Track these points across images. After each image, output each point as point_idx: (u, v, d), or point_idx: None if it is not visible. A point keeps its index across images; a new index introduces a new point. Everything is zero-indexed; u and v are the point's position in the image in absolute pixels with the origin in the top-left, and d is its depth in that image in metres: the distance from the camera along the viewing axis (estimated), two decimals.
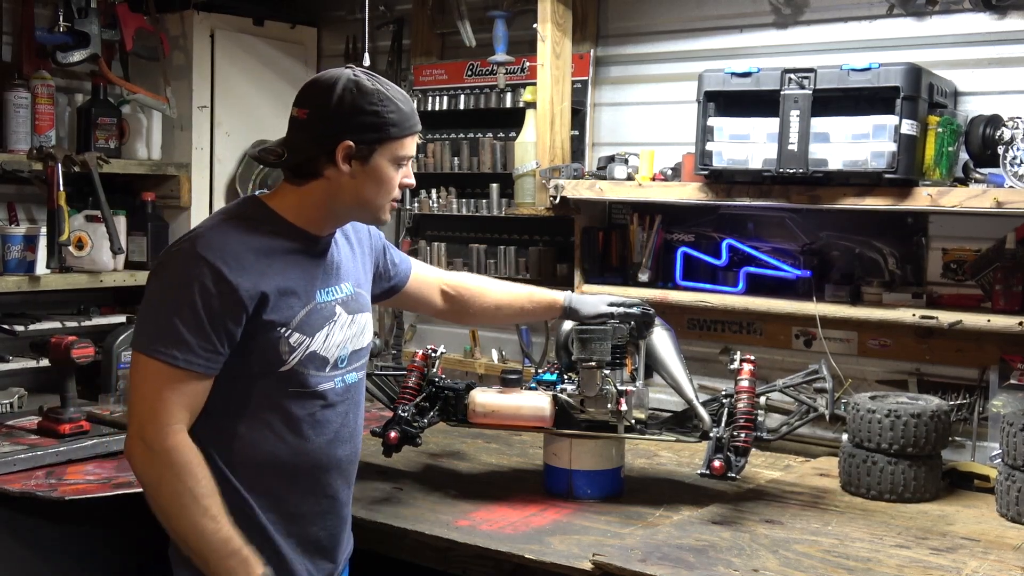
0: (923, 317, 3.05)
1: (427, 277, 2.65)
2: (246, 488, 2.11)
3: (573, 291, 3.47)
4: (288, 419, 2.12)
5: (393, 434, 2.82)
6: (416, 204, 4.16)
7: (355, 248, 2.32)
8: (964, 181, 2.99)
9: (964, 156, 3.02)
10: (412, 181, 2.18)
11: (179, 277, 2.01)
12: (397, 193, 2.17)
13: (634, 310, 2.75)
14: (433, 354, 3.02)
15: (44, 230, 3.68)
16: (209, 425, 2.06)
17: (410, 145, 2.15)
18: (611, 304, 2.77)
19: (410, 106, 2.14)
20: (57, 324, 3.75)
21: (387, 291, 2.55)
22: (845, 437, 2.95)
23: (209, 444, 2.06)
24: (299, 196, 2.14)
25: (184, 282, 2.00)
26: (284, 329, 2.08)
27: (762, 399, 2.85)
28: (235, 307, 2.02)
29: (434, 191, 4.11)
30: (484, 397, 2.85)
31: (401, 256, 2.59)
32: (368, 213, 2.19)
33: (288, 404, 2.12)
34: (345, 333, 2.20)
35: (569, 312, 2.75)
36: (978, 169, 3.00)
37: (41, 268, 3.69)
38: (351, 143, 2.08)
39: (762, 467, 3.14)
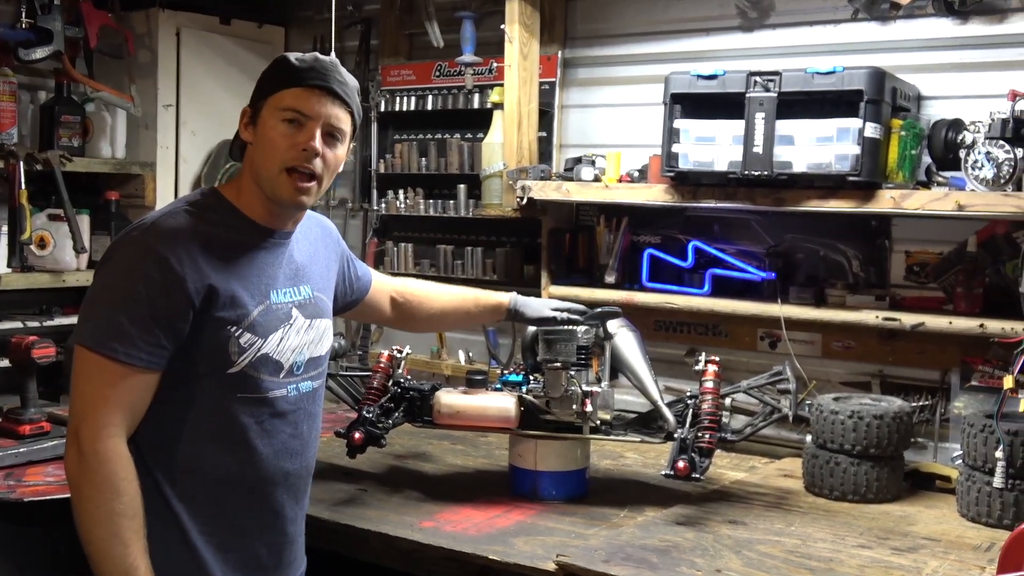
0: (886, 319, 3.06)
1: (382, 286, 2.59)
2: (183, 500, 2.00)
3: (540, 293, 3.51)
4: (234, 426, 2.02)
5: (358, 435, 2.80)
6: (383, 205, 4.14)
7: (320, 252, 2.24)
8: (927, 184, 3.01)
9: (927, 159, 3.03)
10: (314, 144, 1.97)
11: (125, 267, 1.92)
12: (293, 157, 1.98)
13: (576, 316, 2.74)
14: (399, 355, 3.01)
15: (5, 229, 3.62)
16: (149, 430, 1.97)
17: (299, 98, 1.96)
18: (555, 309, 2.76)
19: (316, 64, 1.99)
20: (18, 324, 3.69)
21: (347, 305, 2.48)
22: (809, 438, 2.96)
23: (147, 451, 1.98)
24: (241, 183, 2.06)
25: (129, 272, 1.91)
26: (234, 328, 1.99)
27: (727, 400, 2.83)
28: (181, 301, 1.92)
29: (401, 192, 4.09)
30: (450, 398, 2.84)
31: (363, 267, 2.52)
32: (263, 186, 2.01)
33: (235, 410, 2.01)
34: (302, 338, 2.11)
35: (514, 314, 2.73)
36: (940, 172, 3.01)
37: (2, 267, 3.63)
38: (248, 108, 2.02)
39: (726, 468, 3.15)
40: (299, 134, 1.99)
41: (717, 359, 2.85)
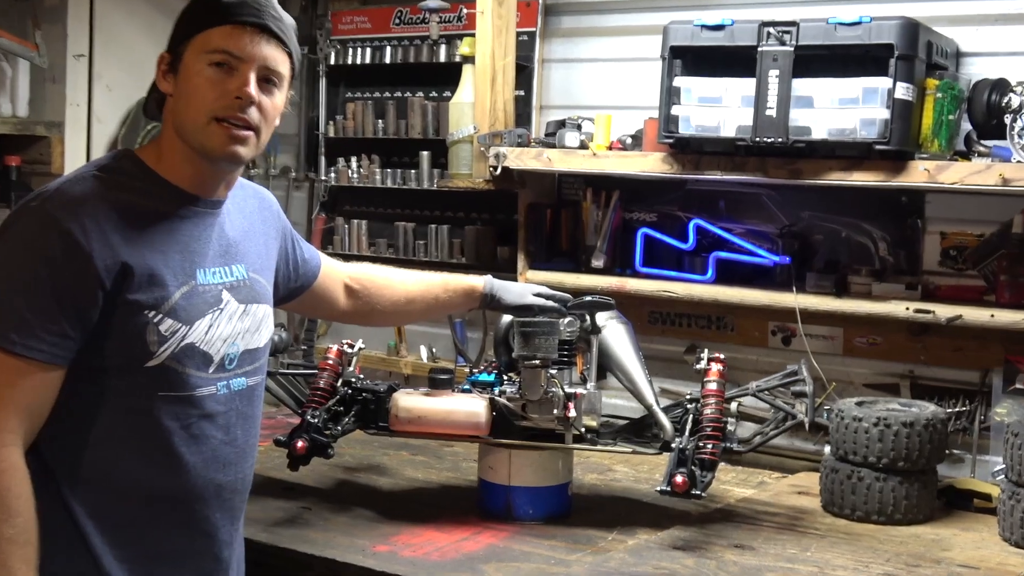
0: (917, 311, 3.08)
1: (333, 272, 2.54)
2: (94, 520, 1.96)
3: (516, 279, 3.50)
4: (154, 431, 1.97)
5: (300, 444, 2.79)
6: (333, 174, 4.13)
7: (256, 227, 2.21)
8: (966, 155, 3.02)
9: (966, 126, 3.05)
10: (248, 90, 1.94)
11: (21, 243, 1.89)
12: (224, 106, 1.94)
13: (559, 306, 2.75)
14: (350, 350, 3.00)
15: None
16: (52, 435, 1.92)
17: (230, 37, 1.94)
18: (537, 295, 2.76)
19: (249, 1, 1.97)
20: None
21: (292, 292, 2.43)
22: (827, 449, 2.97)
23: (51, 461, 1.93)
24: (160, 142, 2.03)
25: (26, 249, 1.88)
26: (152, 313, 1.94)
27: (732, 405, 2.83)
28: (89, 281, 1.88)
29: (354, 159, 4.08)
30: (409, 401, 2.83)
31: (310, 249, 2.47)
32: (190, 141, 1.97)
33: (155, 411, 1.97)
34: (235, 326, 2.07)
35: (490, 301, 2.72)
36: (982, 141, 3.02)
37: None
38: (166, 53, 1.99)
39: (732, 484, 3.16)
40: (230, 80, 1.96)
41: (722, 357, 2.85)
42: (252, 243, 2.18)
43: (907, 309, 3.10)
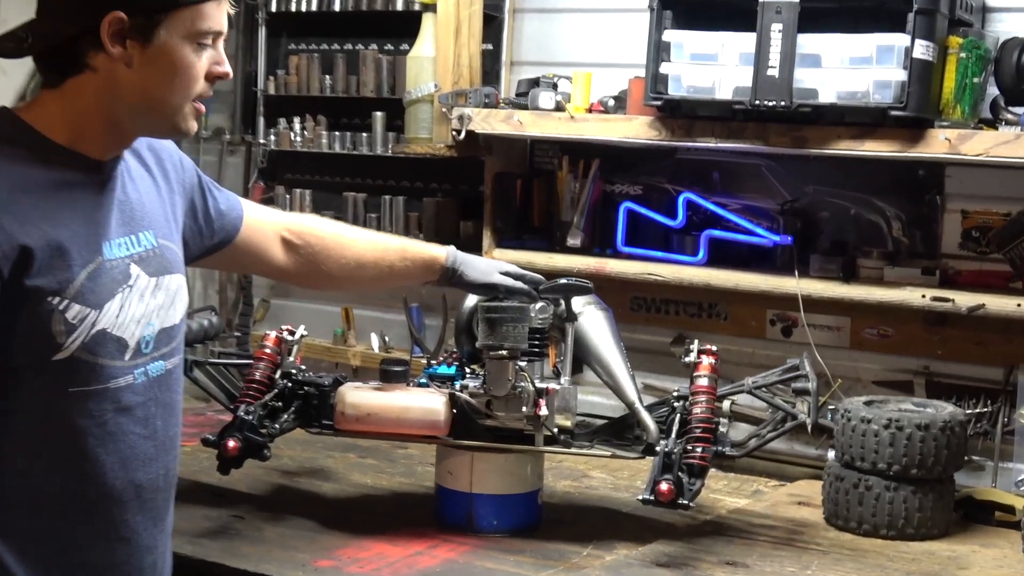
0: (935, 299, 3.07)
1: (263, 223, 2.48)
2: (2, 537, 1.92)
3: (482, 256, 3.48)
4: (66, 431, 1.94)
5: (232, 443, 2.76)
6: (273, 137, 4.10)
7: (159, 181, 2.15)
8: (992, 123, 3.01)
9: (993, 91, 3.04)
10: (226, 69, 2.00)
11: None
12: (203, 87, 1.98)
13: (531, 288, 2.72)
14: (290, 338, 2.99)
15: None
16: None
17: (214, 14, 1.96)
18: (505, 273, 2.73)
19: None
20: None
21: (209, 249, 2.36)
22: (832, 454, 2.97)
23: None
24: (63, 102, 1.96)
25: None
26: (57, 299, 1.89)
27: (725, 403, 2.83)
28: None
29: (297, 120, 4.06)
30: (358, 396, 2.81)
31: (228, 197, 2.39)
32: (159, 120, 1.98)
33: (66, 409, 1.94)
34: (148, 304, 2.03)
35: (450, 275, 2.68)
36: (1010, 108, 3.02)
37: None
38: (122, 15, 1.90)
39: (723, 492, 3.15)
40: (210, 58, 1.98)
41: (714, 349, 2.84)
42: (155, 203, 2.11)
43: (923, 297, 3.09)
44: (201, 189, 2.30)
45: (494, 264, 2.78)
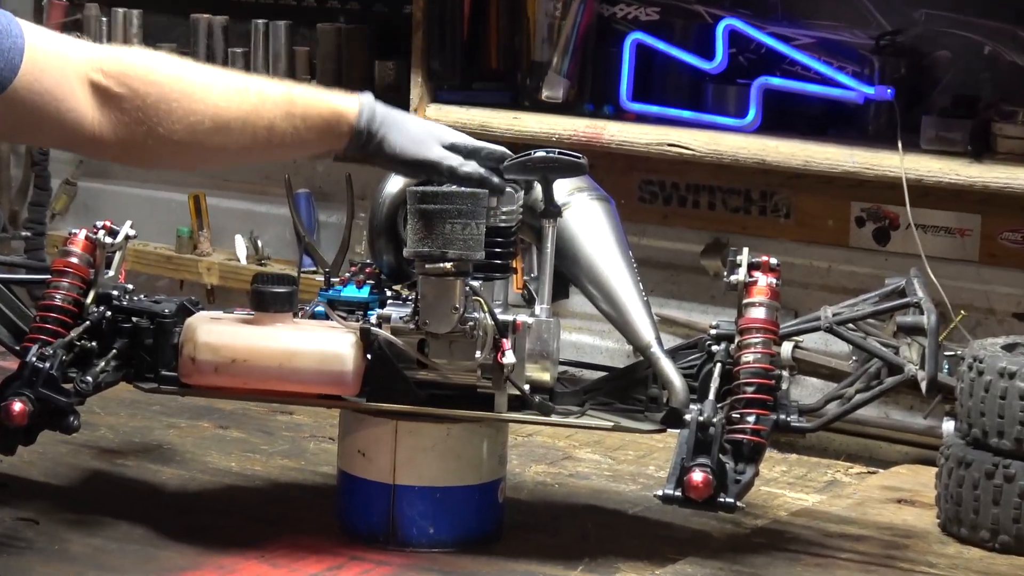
0: None
1: (61, 60, 2.46)
2: None
3: (403, 109, 3.43)
4: None
5: (19, 406, 2.70)
6: None
7: None
8: None
9: None
10: None
11: None
12: None
13: (489, 162, 2.68)
14: (109, 241, 2.90)
15: None
16: None
17: None
18: (450, 146, 2.70)
19: None
20: None
21: None
22: (950, 426, 2.95)
23: None
24: None
25: None
26: None
27: (786, 347, 2.79)
28: None
29: None
30: (217, 334, 2.76)
31: None
32: None
33: None
34: None
35: (364, 144, 2.65)
36: None
37: None
38: None
39: (783, 484, 3.13)
40: None
41: (773, 262, 2.77)
42: None
43: None
44: None
45: (433, 130, 2.74)
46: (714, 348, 2.74)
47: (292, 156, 2.82)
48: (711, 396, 2.61)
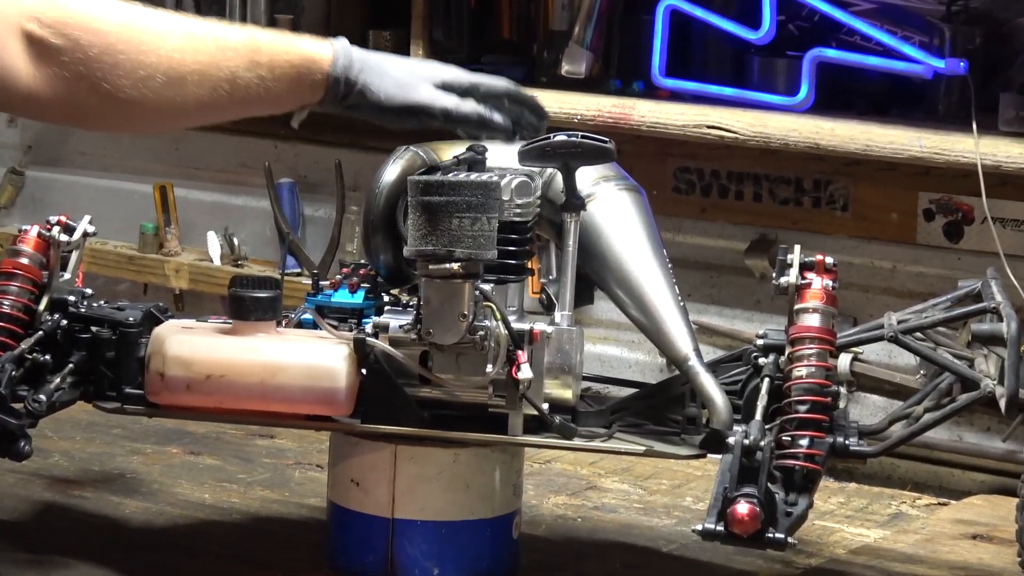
0: None
1: None
2: None
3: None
4: None
5: None
6: None
7: None
8: None
9: None
10: None
11: None
12: None
13: (488, 108, 2.69)
14: (64, 239, 2.93)
15: None
16: None
17: None
18: (442, 84, 2.70)
19: None
20: None
21: None
22: None
23: None
24: None
25: None
26: None
27: (843, 360, 2.87)
28: None
29: None
30: (188, 346, 2.77)
31: None
32: None
33: None
34: None
35: (343, 91, 2.63)
36: None
37: None
38: None
39: (840, 517, 3.16)
40: None
41: (830, 262, 2.79)
42: None
43: None
44: None
45: (420, 69, 2.73)
46: (761, 361, 2.73)
47: (260, 112, 2.76)
48: (758, 416, 2.61)
